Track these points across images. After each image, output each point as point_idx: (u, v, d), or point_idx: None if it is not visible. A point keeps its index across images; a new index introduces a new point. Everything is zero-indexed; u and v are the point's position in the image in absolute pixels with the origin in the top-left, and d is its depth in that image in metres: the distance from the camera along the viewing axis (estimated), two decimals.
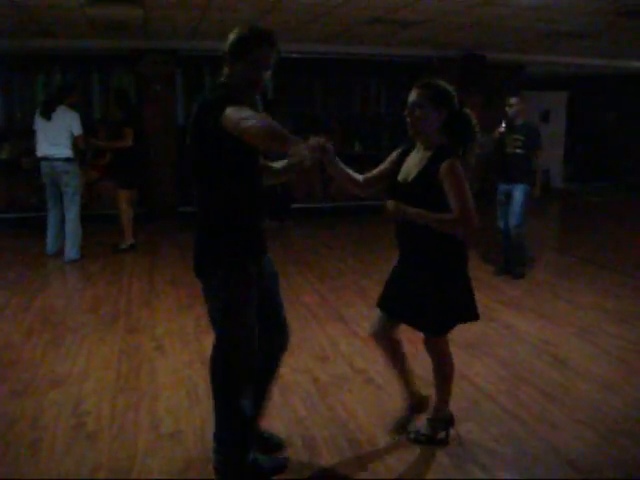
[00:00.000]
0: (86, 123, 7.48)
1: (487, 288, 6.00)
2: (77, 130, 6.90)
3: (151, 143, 9.55)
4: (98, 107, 10.28)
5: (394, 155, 3.11)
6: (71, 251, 6.98)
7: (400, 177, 2.97)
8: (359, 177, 3.10)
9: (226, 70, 2.66)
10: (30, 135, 9.01)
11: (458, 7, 6.87)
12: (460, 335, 4.72)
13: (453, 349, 4.38)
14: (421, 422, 3.20)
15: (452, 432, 3.18)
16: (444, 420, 3.15)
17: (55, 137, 6.84)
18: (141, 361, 4.20)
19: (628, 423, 3.37)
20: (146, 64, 9.71)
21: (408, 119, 2.89)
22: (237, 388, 2.71)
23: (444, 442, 3.12)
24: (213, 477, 2.78)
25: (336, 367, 4.13)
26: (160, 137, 9.76)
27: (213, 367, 2.75)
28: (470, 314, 3.08)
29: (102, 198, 9.34)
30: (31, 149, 8.67)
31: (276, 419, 3.38)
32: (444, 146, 2.88)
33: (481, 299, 5.55)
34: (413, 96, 2.90)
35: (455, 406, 3.54)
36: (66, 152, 6.90)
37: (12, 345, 4.50)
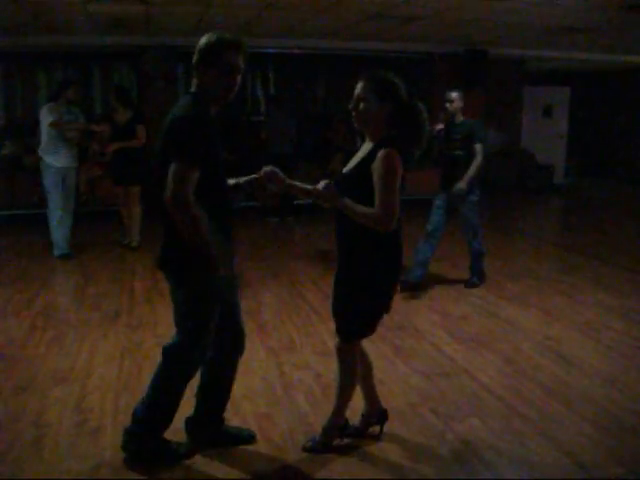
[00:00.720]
0: (89, 120, 7.49)
1: (490, 284, 6.00)
2: (44, 121, 6.77)
3: (153, 139, 9.54)
4: (100, 104, 10.28)
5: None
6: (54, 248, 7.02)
7: (345, 169, 2.93)
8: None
9: (195, 80, 2.71)
10: (32, 133, 9.03)
11: (459, 2, 6.85)
12: (462, 330, 4.75)
13: (456, 345, 4.42)
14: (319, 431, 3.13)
15: (340, 441, 3.10)
16: (338, 428, 3.07)
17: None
18: (144, 358, 4.20)
19: (630, 419, 3.37)
20: (148, 60, 9.71)
21: (353, 112, 2.82)
22: (185, 379, 2.88)
23: (339, 449, 3.05)
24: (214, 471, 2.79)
25: None
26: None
27: (169, 355, 2.86)
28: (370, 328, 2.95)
29: (103, 195, 9.32)
30: (33, 147, 8.67)
31: (279, 415, 3.38)
32: (386, 138, 2.77)
33: (484, 295, 5.62)
34: (358, 89, 2.81)
35: (458, 402, 3.56)
36: (40, 150, 6.89)
37: (15, 342, 4.51)
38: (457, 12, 7.42)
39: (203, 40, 2.66)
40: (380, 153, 2.69)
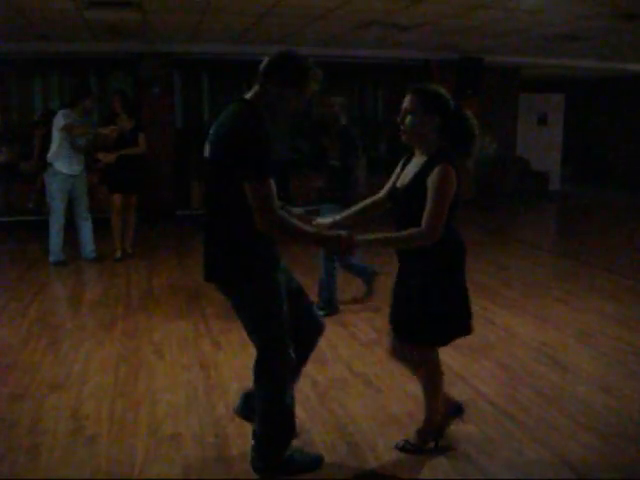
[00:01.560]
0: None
1: (485, 291, 6.00)
2: (57, 125, 6.76)
3: (149, 146, 9.57)
4: (96, 110, 10.28)
5: (399, 165, 3.09)
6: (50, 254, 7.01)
7: (398, 183, 2.97)
8: (377, 199, 3.13)
9: (259, 89, 2.66)
10: (28, 139, 9.02)
11: (455, 10, 6.89)
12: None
13: (452, 351, 4.41)
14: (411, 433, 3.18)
15: (441, 443, 3.13)
16: (433, 432, 3.12)
17: None
18: (139, 365, 4.20)
19: (626, 425, 3.37)
20: (144, 67, 9.72)
21: (401, 126, 2.87)
22: (281, 388, 2.81)
23: (432, 452, 3.08)
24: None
25: (335, 371, 4.13)
26: (158, 140, 9.77)
27: (257, 371, 2.81)
28: (461, 327, 3.01)
29: (99, 202, 9.31)
30: (30, 153, 8.66)
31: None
32: (440, 151, 2.82)
33: (480, 302, 5.62)
34: (405, 102, 2.86)
35: None
36: (49, 156, 6.88)
37: (10, 349, 4.50)
38: (453, 20, 7.46)
39: (291, 54, 2.71)
40: (437, 168, 2.72)
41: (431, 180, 2.72)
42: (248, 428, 3.27)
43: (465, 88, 10.77)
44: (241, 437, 3.18)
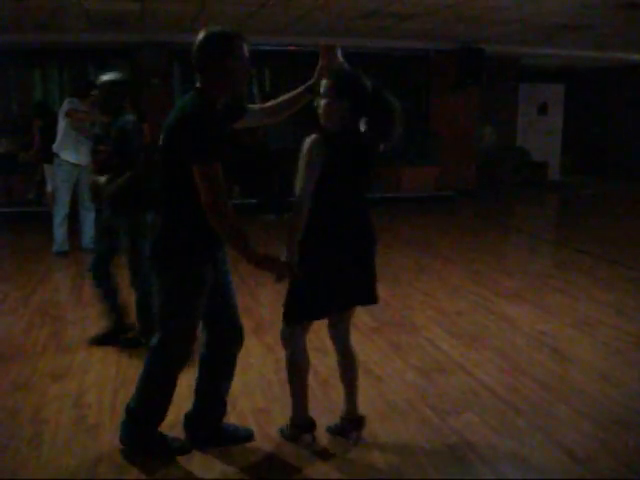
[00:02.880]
0: None
1: (485, 280, 6.02)
2: (62, 114, 6.75)
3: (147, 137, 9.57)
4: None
5: None
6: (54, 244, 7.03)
7: None
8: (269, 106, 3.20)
9: (200, 76, 2.72)
10: (27, 130, 9.00)
11: (455, 0, 6.87)
12: (458, 327, 4.77)
13: (451, 341, 4.44)
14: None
15: (309, 437, 3.08)
16: (302, 424, 3.07)
17: None
18: (141, 354, 4.20)
19: (625, 414, 3.39)
20: (143, 57, 9.70)
21: (318, 110, 2.84)
22: (168, 379, 2.92)
23: (309, 446, 3.04)
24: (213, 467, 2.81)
25: (334, 359, 4.14)
26: (157, 130, 9.76)
27: (152, 355, 2.90)
28: (323, 308, 2.91)
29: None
30: (30, 144, 8.65)
31: (276, 411, 3.40)
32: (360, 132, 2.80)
33: (479, 291, 5.64)
34: (322, 87, 2.85)
35: (454, 397, 3.58)
36: (55, 146, 6.87)
37: (12, 339, 4.52)
38: (453, 9, 7.44)
39: (206, 35, 2.65)
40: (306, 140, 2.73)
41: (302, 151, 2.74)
42: (249, 418, 3.29)
43: (465, 78, 10.76)
44: (241, 416, 3.20)
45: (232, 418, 3.30)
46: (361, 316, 4.94)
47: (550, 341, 4.48)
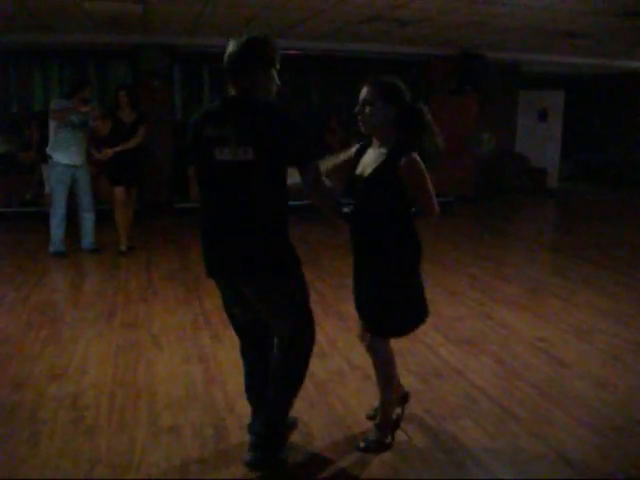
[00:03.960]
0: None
1: (483, 286, 6.03)
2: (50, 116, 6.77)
3: (149, 139, 9.58)
4: (96, 101, 10.27)
5: (352, 150, 3.14)
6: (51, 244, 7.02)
7: (357, 171, 2.99)
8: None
9: (241, 82, 2.66)
10: (27, 130, 9.01)
11: (456, 5, 6.90)
12: (456, 332, 4.78)
13: (449, 346, 4.45)
14: (369, 429, 3.21)
15: (398, 434, 3.18)
16: (390, 424, 3.16)
17: None
18: (138, 356, 4.22)
19: (621, 420, 3.40)
20: (144, 59, 9.71)
21: (359, 116, 2.91)
22: (309, 361, 3.01)
23: (390, 446, 3.10)
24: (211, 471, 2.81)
25: (333, 363, 4.16)
26: (157, 133, 9.78)
27: (296, 359, 2.95)
28: (416, 318, 3.10)
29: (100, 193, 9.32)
30: (29, 144, 8.66)
31: None
32: (400, 142, 2.86)
33: (477, 297, 5.65)
34: (363, 93, 2.89)
35: (451, 402, 3.59)
36: (48, 148, 6.87)
37: (10, 339, 4.52)
38: (453, 15, 7.47)
39: (255, 40, 2.66)
40: (406, 161, 2.78)
41: (408, 174, 2.79)
42: (245, 420, 3.30)
43: (465, 84, 10.78)
44: (241, 429, 3.20)
45: (230, 420, 3.31)
46: (359, 321, 4.94)
47: (547, 347, 4.49)
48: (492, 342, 4.59)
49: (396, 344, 4.46)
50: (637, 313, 5.31)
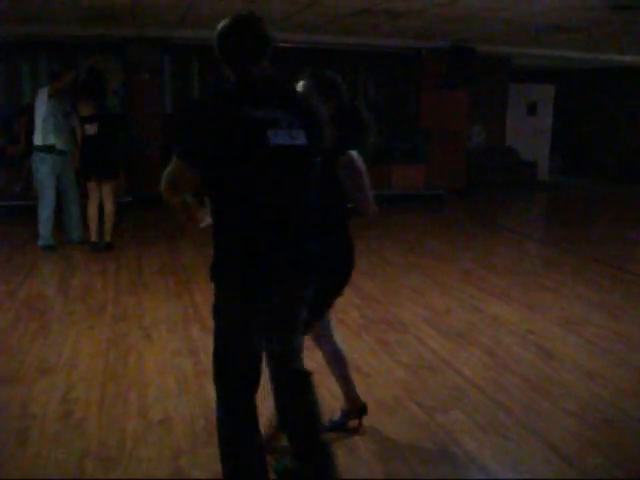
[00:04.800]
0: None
1: (473, 278, 6.05)
2: (40, 101, 6.74)
3: (138, 131, 9.54)
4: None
5: None
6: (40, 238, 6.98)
7: None
8: None
9: (266, 64, 2.37)
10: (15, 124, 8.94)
11: None
12: (446, 325, 4.79)
13: (439, 338, 4.46)
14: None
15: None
16: (354, 409, 3.19)
17: None
18: (129, 349, 4.20)
19: (612, 412, 3.42)
20: (133, 52, 9.66)
21: None
22: (226, 452, 2.53)
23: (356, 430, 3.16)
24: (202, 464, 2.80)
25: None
26: (147, 125, 9.73)
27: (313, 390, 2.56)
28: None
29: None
30: (17, 137, 8.58)
31: (264, 408, 3.39)
32: (338, 140, 2.71)
33: (467, 289, 5.67)
34: (299, 87, 2.77)
35: (441, 394, 3.60)
36: (35, 138, 6.82)
37: None
38: (444, 8, 7.45)
39: (263, 20, 2.45)
40: (346, 159, 2.73)
41: (346, 172, 2.73)
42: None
43: (456, 77, 10.78)
44: None
45: None
46: (350, 313, 4.96)
47: (538, 340, 4.50)
48: (482, 334, 4.60)
49: (386, 336, 4.49)
50: (627, 305, 5.35)
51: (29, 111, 7.32)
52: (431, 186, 11.09)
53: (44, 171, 6.81)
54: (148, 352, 4.17)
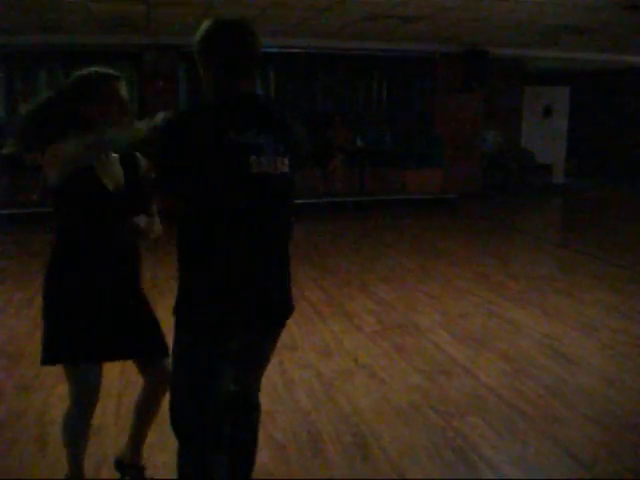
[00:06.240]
0: None
1: (489, 283, 6.02)
2: None
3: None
4: None
5: None
6: None
7: (110, 186, 2.48)
8: None
9: (254, 75, 2.22)
10: None
11: (460, 2, 6.87)
12: (462, 329, 4.77)
13: (455, 344, 4.43)
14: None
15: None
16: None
17: None
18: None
19: (630, 417, 3.38)
20: (148, 60, 9.74)
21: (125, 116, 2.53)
22: None
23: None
24: None
25: (340, 362, 4.15)
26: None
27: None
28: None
29: None
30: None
31: (282, 414, 3.40)
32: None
33: (484, 294, 5.64)
34: (123, 90, 2.57)
35: (458, 400, 3.58)
36: None
37: (17, 340, 4.52)
38: (457, 12, 7.45)
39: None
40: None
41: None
42: None
43: (470, 81, 10.76)
44: None
45: None
46: (366, 318, 4.95)
47: (554, 344, 4.47)
48: (499, 339, 4.57)
49: (402, 341, 4.48)
50: None
51: None
52: (446, 190, 11.06)
53: None
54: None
